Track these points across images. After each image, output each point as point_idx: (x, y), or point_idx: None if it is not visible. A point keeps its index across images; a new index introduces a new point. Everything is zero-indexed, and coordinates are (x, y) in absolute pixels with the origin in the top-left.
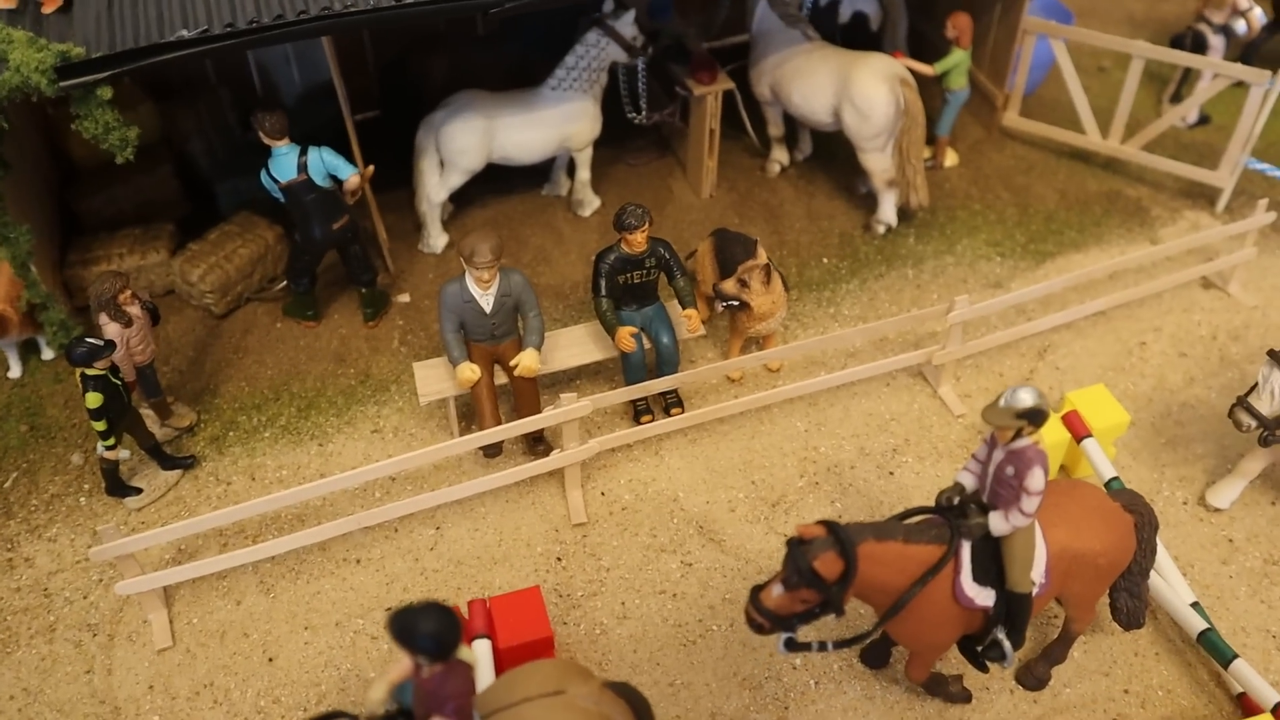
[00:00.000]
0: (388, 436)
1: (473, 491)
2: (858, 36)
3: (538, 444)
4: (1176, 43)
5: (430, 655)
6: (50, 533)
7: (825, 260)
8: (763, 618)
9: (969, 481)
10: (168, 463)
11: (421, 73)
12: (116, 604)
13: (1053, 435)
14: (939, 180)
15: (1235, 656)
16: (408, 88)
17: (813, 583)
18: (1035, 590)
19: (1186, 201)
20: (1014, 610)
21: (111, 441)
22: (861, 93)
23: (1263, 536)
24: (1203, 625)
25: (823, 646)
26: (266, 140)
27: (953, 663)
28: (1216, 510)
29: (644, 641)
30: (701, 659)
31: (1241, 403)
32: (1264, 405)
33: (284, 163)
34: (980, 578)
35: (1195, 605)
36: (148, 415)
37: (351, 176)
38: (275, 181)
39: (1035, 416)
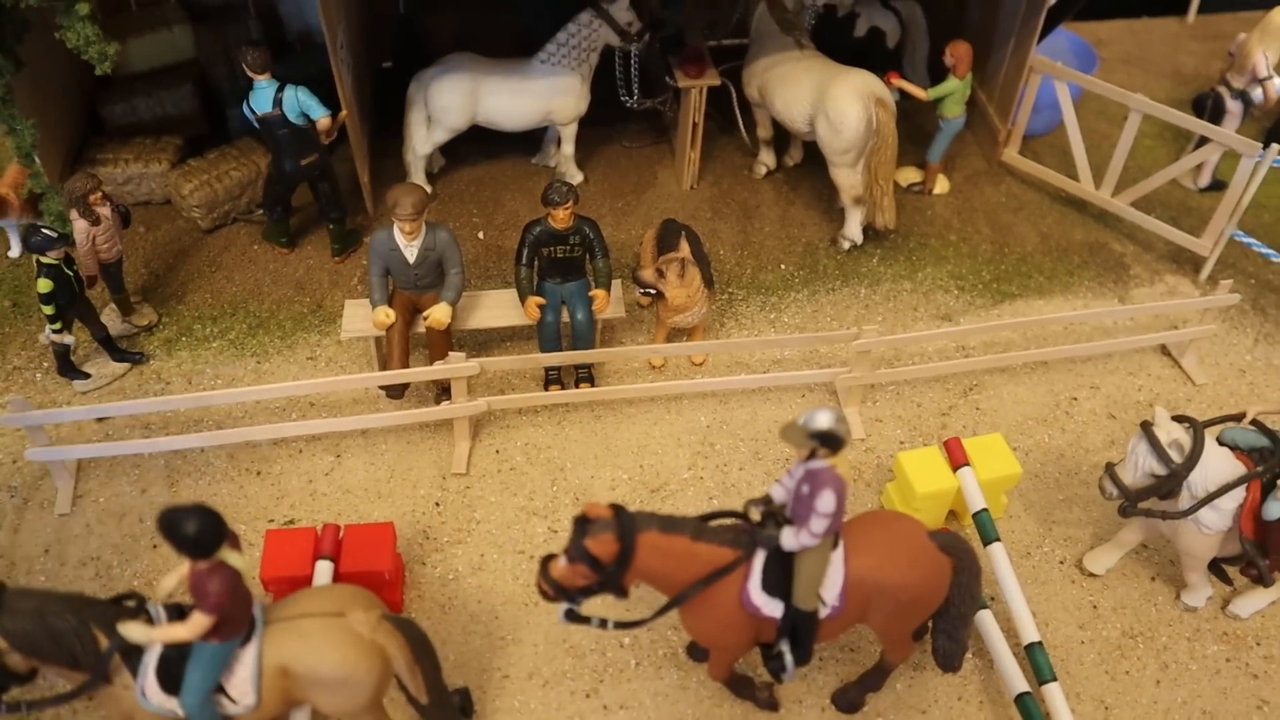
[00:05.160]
0: (320, 365)
1: (362, 425)
2: (873, 52)
3: (444, 394)
4: (1199, 102)
5: (188, 553)
6: (2, 400)
7: (783, 267)
8: (547, 585)
9: (779, 494)
10: (118, 355)
11: (428, 31)
12: (39, 472)
13: (945, 483)
14: (923, 206)
15: None
16: (415, 44)
17: (589, 561)
18: (826, 612)
19: (1171, 265)
20: (798, 626)
21: (59, 326)
22: (835, 106)
23: (1129, 609)
24: (1022, 688)
25: (602, 624)
26: (249, 73)
27: None
28: (1091, 575)
29: (490, 594)
30: (537, 621)
31: (1109, 470)
32: (1127, 475)
33: (262, 96)
34: (770, 588)
35: (1035, 645)
36: (112, 310)
37: (322, 118)
38: (253, 112)
39: (829, 440)
